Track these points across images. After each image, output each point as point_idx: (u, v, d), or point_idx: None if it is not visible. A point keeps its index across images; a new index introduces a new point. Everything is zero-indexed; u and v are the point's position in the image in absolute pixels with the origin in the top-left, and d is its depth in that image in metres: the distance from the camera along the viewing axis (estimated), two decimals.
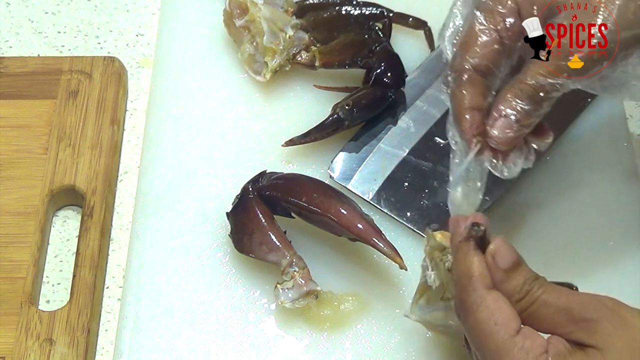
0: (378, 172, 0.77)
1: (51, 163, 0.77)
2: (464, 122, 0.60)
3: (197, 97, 0.83)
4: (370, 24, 0.83)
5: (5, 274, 0.72)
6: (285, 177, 0.73)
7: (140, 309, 0.71)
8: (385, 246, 0.67)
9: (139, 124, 0.83)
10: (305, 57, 0.81)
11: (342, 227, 0.68)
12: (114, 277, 0.74)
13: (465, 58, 0.60)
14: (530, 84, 0.57)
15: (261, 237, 0.70)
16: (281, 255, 0.69)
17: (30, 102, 0.81)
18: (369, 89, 0.79)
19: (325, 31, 0.83)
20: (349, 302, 0.70)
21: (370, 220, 0.69)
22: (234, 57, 0.84)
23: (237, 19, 0.81)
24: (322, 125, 0.77)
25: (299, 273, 0.68)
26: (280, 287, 0.68)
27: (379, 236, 0.68)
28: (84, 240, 0.73)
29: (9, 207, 0.75)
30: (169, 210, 0.76)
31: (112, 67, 0.83)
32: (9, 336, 0.69)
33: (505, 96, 0.59)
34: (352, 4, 0.84)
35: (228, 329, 0.70)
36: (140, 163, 0.80)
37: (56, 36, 0.88)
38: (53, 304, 0.73)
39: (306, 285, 0.68)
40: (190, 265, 0.73)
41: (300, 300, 0.68)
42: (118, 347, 0.69)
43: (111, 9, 0.91)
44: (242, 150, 0.79)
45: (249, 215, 0.71)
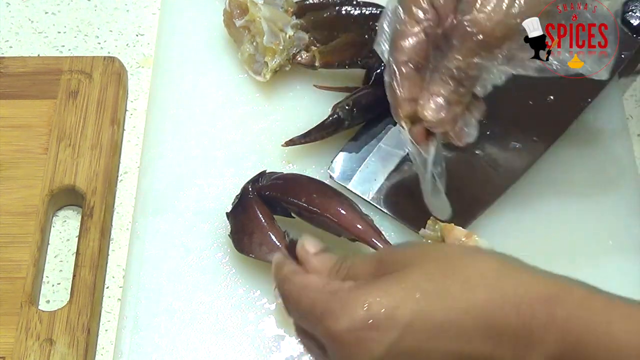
0: (378, 172, 0.77)
1: (51, 163, 0.77)
2: (399, 112, 0.66)
3: (197, 97, 0.83)
4: (370, 24, 0.83)
5: (5, 274, 0.72)
6: (285, 177, 0.73)
7: (140, 309, 0.71)
8: (384, 246, 0.67)
9: (139, 124, 0.83)
10: (305, 57, 0.81)
11: (341, 227, 0.68)
12: (114, 277, 0.74)
13: (395, 55, 0.65)
14: (450, 66, 0.62)
15: (261, 237, 0.70)
16: None
17: (30, 102, 0.81)
18: (369, 89, 0.79)
19: (325, 31, 0.82)
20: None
21: (369, 220, 0.69)
22: (234, 57, 0.84)
23: (237, 19, 0.81)
24: (322, 125, 0.77)
25: None
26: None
27: (378, 237, 0.68)
28: (84, 240, 0.73)
29: (9, 207, 0.75)
30: (169, 210, 0.76)
31: (112, 67, 0.83)
32: (9, 336, 0.69)
33: (432, 80, 0.64)
34: (352, 4, 0.84)
35: (228, 329, 0.70)
36: (140, 163, 0.80)
37: (56, 36, 0.88)
38: (53, 304, 0.73)
39: None
40: (190, 265, 0.73)
41: None
42: (118, 347, 0.69)
43: (111, 9, 0.91)
44: (242, 150, 0.79)
45: (248, 215, 0.71)
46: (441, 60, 0.64)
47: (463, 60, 0.62)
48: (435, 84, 0.64)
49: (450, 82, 0.63)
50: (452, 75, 0.63)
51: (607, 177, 0.78)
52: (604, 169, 0.78)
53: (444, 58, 0.63)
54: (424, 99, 0.64)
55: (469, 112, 0.66)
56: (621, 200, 0.77)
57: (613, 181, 0.78)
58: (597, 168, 0.78)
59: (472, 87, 0.64)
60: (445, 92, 0.63)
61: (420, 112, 0.64)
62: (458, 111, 0.65)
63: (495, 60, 0.62)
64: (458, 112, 0.65)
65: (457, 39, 0.62)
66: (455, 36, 0.62)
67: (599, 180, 0.78)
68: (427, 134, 0.66)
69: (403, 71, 0.65)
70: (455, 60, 0.62)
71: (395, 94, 0.66)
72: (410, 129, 0.66)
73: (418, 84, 0.65)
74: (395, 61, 0.65)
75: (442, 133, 0.66)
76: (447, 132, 0.66)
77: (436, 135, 0.66)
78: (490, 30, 0.61)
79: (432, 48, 0.64)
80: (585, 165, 0.79)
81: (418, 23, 0.64)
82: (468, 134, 0.66)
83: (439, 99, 0.63)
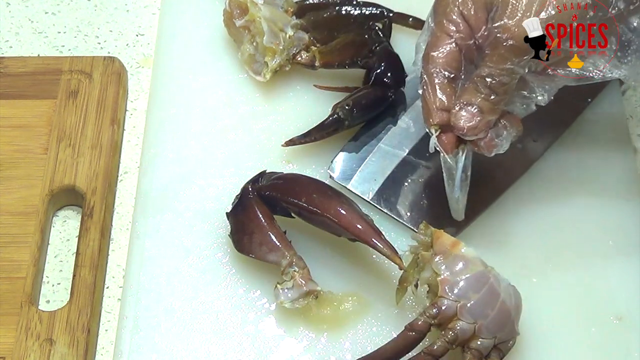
0: (378, 172, 0.77)
1: (51, 163, 0.77)
2: (430, 121, 0.67)
3: (197, 97, 0.83)
4: (370, 24, 0.83)
5: (5, 274, 0.72)
6: (284, 177, 0.73)
7: (140, 309, 0.71)
8: (384, 247, 0.67)
9: (139, 124, 0.83)
10: (305, 57, 0.81)
11: (341, 227, 0.68)
12: (114, 277, 0.74)
13: (427, 65, 0.67)
14: (483, 74, 0.64)
15: (261, 237, 0.70)
16: (281, 256, 0.69)
17: (30, 102, 0.81)
18: (369, 89, 0.79)
19: (325, 31, 0.83)
20: (349, 302, 0.70)
21: (369, 220, 0.69)
22: (234, 57, 0.84)
23: (237, 19, 0.81)
24: (322, 125, 0.77)
25: (299, 273, 0.68)
26: (280, 287, 0.68)
27: (378, 237, 0.68)
28: (84, 240, 0.73)
29: (9, 207, 0.75)
30: (169, 210, 0.76)
31: (112, 67, 0.83)
32: (9, 336, 0.69)
33: (465, 89, 0.65)
34: (352, 4, 0.84)
35: (228, 329, 0.70)
36: (140, 163, 0.80)
37: (56, 36, 0.89)
38: (53, 304, 0.73)
39: (306, 285, 0.68)
40: (190, 265, 0.73)
41: (300, 300, 0.68)
42: (118, 347, 0.69)
43: (111, 9, 0.91)
44: (242, 150, 0.79)
45: (248, 215, 0.71)
46: (474, 71, 0.65)
47: (495, 67, 0.63)
48: (468, 92, 0.65)
49: (482, 90, 0.64)
50: (484, 84, 0.63)
51: (607, 177, 0.78)
52: (604, 169, 0.78)
53: (477, 69, 0.64)
54: (456, 107, 0.65)
55: (502, 126, 0.66)
56: (621, 200, 0.77)
57: (613, 181, 0.78)
58: (597, 168, 0.78)
59: (505, 96, 0.65)
60: (478, 100, 0.64)
61: (452, 120, 0.65)
62: (491, 120, 0.65)
63: (527, 67, 0.63)
64: (490, 120, 0.65)
65: (488, 48, 0.63)
66: (486, 45, 0.63)
67: (599, 180, 0.78)
68: (457, 141, 0.67)
69: (435, 81, 0.66)
70: (487, 67, 0.63)
71: (427, 103, 0.67)
72: (439, 136, 0.67)
73: (450, 94, 0.66)
74: (427, 72, 0.67)
75: (472, 143, 0.66)
76: (477, 142, 0.66)
77: (467, 144, 0.67)
78: (519, 35, 0.61)
79: (464, 60, 0.66)
80: (585, 166, 0.79)
81: (450, 36, 0.65)
82: (498, 145, 0.67)
83: (471, 107, 0.64)
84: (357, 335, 0.69)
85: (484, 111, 0.64)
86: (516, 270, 0.72)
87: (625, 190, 0.77)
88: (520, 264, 0.73)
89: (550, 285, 0.72)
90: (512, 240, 0.75)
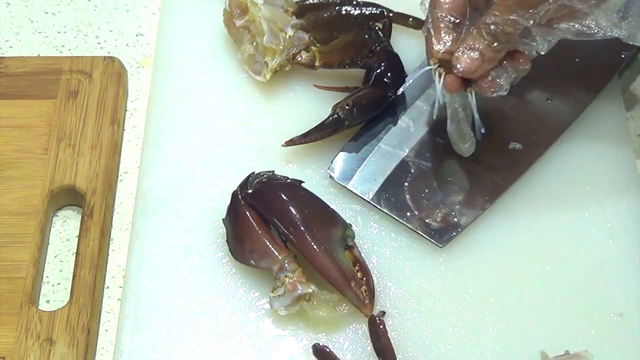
0: (378, 172, 0.77)
1: (51, 163, 0.77)
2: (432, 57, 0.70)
3: (197, 97, 0.83)
4: (370, 24, 0.83)
5: (5, 274, 0.72)
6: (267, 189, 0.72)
7: (140, 309, 0.71)
8: (353, 297, 0.68)
9: (139, 124, 0.83)
10: (305, 57, 0.81)
11: (314, 268, 0.69)
12: (114, 277, 0.74)
13: (433, 9, 0.69)
14: (488, 22, 0.65)
15: (251, 244, 0.70)
16: (272, 261, 0.69)
17: (30, 102, 0.81)
18: (369, 89, 0.79)
19: (325, 31, 0.82)
20: (346, 303, 0.70)
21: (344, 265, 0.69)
22: (234, 57, 0.84)
23: (237, 19, 0.81)
24: (322, 125, 0.77)
25: (289, 277, 0.68)
26: (272, 295, 0.68)
27: (347, 286, 0.68)
28: (84, 240, 0.73)
29: (9, 207, 0.75)
30: (169, 210, 0.76)
31: (112, 67, 0.83)
32: (9, 336, 0.69)
33: (469, 34, 0.67)
34: (352, 4, 0.84)
35: (228, 329, 0.70)
36: (140, 163, 0.80)
37: (56, 36, 0.89)
38: (53, 304, 0.73)
39: (296, 289, 0.68)
40: (190, 265, 0.73)
41: (293, 306, 0.68)
42: (118, 347, 0.69)
43: (111, 9, 0.91)
44: (242, 150, 0.79)
45: (239, 222, 0.71)
46: (479, 19, 0.66)
47: (500, 16, 0.64)
48: (472, 37, 0.67)
49: (485, 37, 0.66)
50: (488, 31, 0.65)
51: (607, 177, 0.78)
52: (604, 169, 0.78)
53: (482, 16, 0.66)
54: (459, 50, 0.67)
55: (503, 67, 0.68)
56: (621, 201, 0.77)
57: (613, 181, 0.78)
58: (597, 168, 0.78)
59: (507, 44, 0.66)
60: (481, 45, 0.66)
61: (453, 62, 0.67)
62: (490, 67, 0.67)
63: (532, 19, 0.64)
64: (490, 67, 0.67)
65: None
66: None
67: (599, 181, 0.78)
68: (462, 82, 0.68)
69: (440, 25, 0.68)
70: (493, 16, 0.65)
71: (430, 44, 0.69)
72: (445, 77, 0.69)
73: (454, 38, 0.68)
74: (433, 15, 0.69)
75: (473, 82, 0.68)
76: (479, 82, 0.68)
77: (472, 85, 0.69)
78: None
79: (469, 6, 0.68)
80: (585, 166, 0.79)
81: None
82: (499, 85, 0.68)
83: (473, 52, 0.66)
84: (356, 336, 0.69)
85: (485, 56, 0.66)
86: (516, 269, 0.72)
87: (626, 190, 0.77)
88: (520, 264, 0.73)
89: (550, 284, 0.72)
90: (511, 240, 0.75)
